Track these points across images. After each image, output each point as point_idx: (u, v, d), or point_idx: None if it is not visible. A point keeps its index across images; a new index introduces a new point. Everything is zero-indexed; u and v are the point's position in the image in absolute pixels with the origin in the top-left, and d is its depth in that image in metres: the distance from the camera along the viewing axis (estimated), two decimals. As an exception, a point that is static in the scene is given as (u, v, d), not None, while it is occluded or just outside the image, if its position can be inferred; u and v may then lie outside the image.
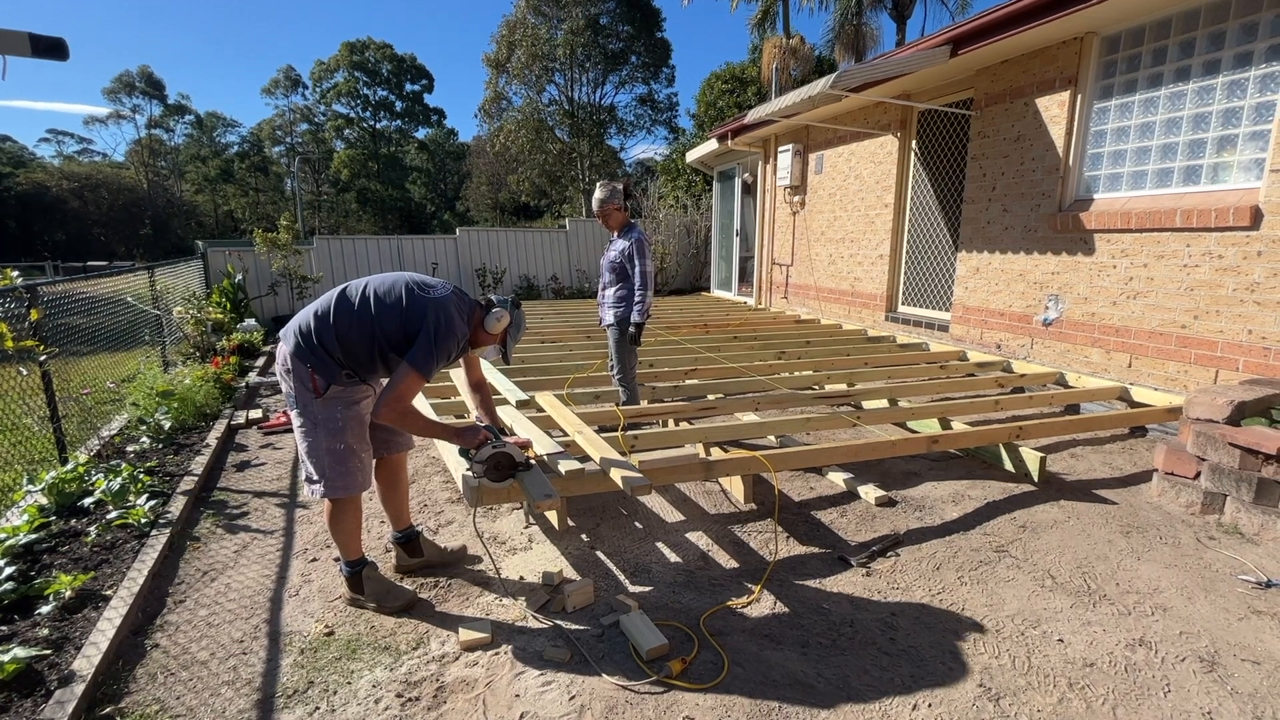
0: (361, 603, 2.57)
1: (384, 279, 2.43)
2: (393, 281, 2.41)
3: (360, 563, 2.57)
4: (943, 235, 6.79)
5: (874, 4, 21.42)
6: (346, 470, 2.40)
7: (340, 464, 2.38)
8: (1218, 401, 3.30)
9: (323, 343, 2.32)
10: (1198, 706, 1.98)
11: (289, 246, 10.21)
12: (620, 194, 4.20)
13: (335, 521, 2.48)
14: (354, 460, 2.42)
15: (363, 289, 2.39)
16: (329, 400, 2.35)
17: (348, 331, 2.33)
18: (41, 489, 3.40)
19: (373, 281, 2.43)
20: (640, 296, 4.20)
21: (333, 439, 2.37)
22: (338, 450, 2.38)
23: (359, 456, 2.44)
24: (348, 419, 2.39)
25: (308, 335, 2.33)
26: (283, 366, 2.39)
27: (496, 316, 2.46)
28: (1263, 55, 4.08)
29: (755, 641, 2.31)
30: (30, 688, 2.08)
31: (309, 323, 2.35)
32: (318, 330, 2.33)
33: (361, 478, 2.45)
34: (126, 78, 41.79)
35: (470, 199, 43.35)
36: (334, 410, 2.37)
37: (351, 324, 2.33)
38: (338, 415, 2.37)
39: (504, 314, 2.48)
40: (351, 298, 2.37)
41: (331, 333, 2.32)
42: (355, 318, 2.34)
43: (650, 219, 14.30)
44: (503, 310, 2.48)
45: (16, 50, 2.37)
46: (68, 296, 4.88)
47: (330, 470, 2.38)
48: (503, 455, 2.55)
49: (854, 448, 3.55)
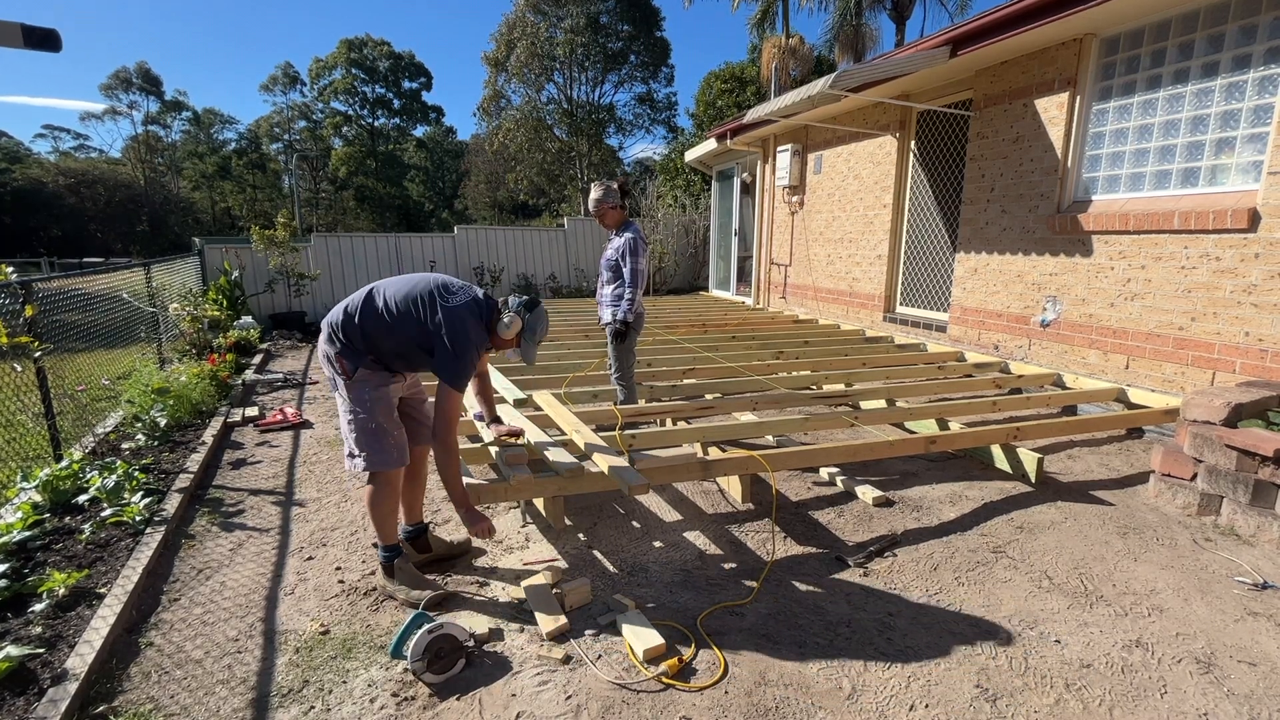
0: (391, 591, 2.60)
1: (410, 283, 2.55)
2: (418, 288, 2.52)
3: (395, 550, 2.64)
4: (941, 236, 6.79)
5: (873, 4, 21.43)
6: (381, 447, 2.50)
7: (375, 441, 2.50)
8: (1215, 403, 3.30)
9: (348, 335, 2.49)
10: (1194, 708, 1.98)
11: (286, 244, 10.17)
12: (616, 193, 4.16)
13: (374, 502, 2.56)
14: (387, 438, 2.52)
15: (388, 292, 2.52)
16: (357, 382, 2.48)
17: (373, 331, 2.47)
18: (36, 486, 3.38)
19: (399, 285, 2.55)
20: (629, 295, 4.14)
21: (365, 418, 2.49)
22: (370, 428, 2.49)
23: (391, 435, 2.53)
24: (375, 400, 2.49)
25: (337, 328, 2.50)
26: (321, 353, 2.58)
27: (506, 324, 2.56)
28: (1261, 58, 4.09)
29: (753, 641, 2.31)
30: (23, 686, 2.07)
31: (340, 318, 2.50)
32: (344, 325, 2.49)
33: (397, 454, 2.54)
34: (123, 74, 41.60)
35: (468, 197, 43.31)
36: (362, 392, 2.49)
37: (378, 325, 2.47)
38: (366, 396, 2.49)
39: (514, 319, 2.57)
40: (376, 300, 2.50)
41: (357, 330, 2.48)
42: (379, 320, 2.47)
43: (649, 218, 14.30)
44: (513, 316, 2.56)
45: (9, 41, 2.35)
46: (63, 292, 4.86)
47: (366, 446, 2.50)
48: (443, 640, 2.11)
49: (852, 448, 3.55)
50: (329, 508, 3.52)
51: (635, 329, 4.28)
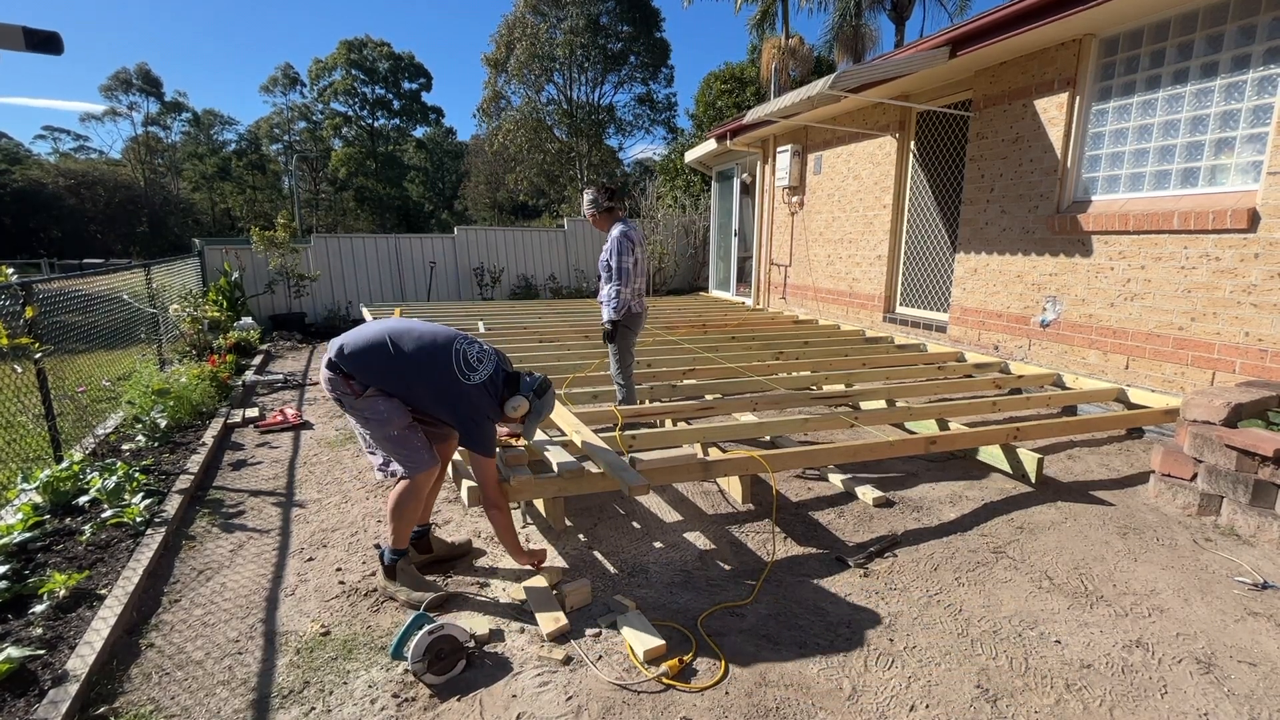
0: (392, 592, 2.60)
1: (429, 341, 2.52)
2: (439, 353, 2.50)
3: (403, 553, 2.66)
4: (941, 236, 6.79)
5: (873, 5, 21.43)
6: (410, 450, 2.55)
7: (403, 445, 2.54)
8: (1214, 403, 3.30)
9: (356, 370, 2.48)
10: (1194, 708, 1.98)
11: (286, 245, 10.17)
12: (600, 199, 4.18)
13: (401, 504, 2.57)
14: (414, 441, 2.56)
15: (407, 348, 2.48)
16: (369, 397, 2.50)
17: (382, 378, 2.49)
18: (36, 487, 3.38)
19: (418, 339, 2.51)
20: (614, 292, 4.14)
21: (384, 428, 2.51)
22: (393, 436, 2.53)
23: (414, 439, 2.57)
24: (390, 409, 2.51)
25: (346, 358, 2.48)
26: (325, 382, 2.54)
27: (514, 405, 2.61)
28: (1260, 58, 4.09)
29: (753, 642, 2.31)
30: (24, 687, 2.07)
31: (354, 349, 2.48)
32: (354, 363, 2.48)
33: (427, 455, 2.58)
34: (124, 75, 41.61)
35: (468, 198, 43.29)
36: (376, 404, 2.50)
37: (388, 373, 2.48)
38: (380, 407, 2.50)
39: (522, 403, 2.61)
40: (393, 350, 2.47)
41: (366, 372, 2.48)
42: (393, 371, 2.48)
43: (648, 219, 14.30)
44: (521, 400, 2.60)
45: (10, 44, 2.36)
46: (63, 294, 4.86)
47: (395, 454, 2.55)
48: (444, 641, 2.13)
49: (852, 448, 3.55)
50: (329, 509, 3.52)
51: (629, 326, 4.28)
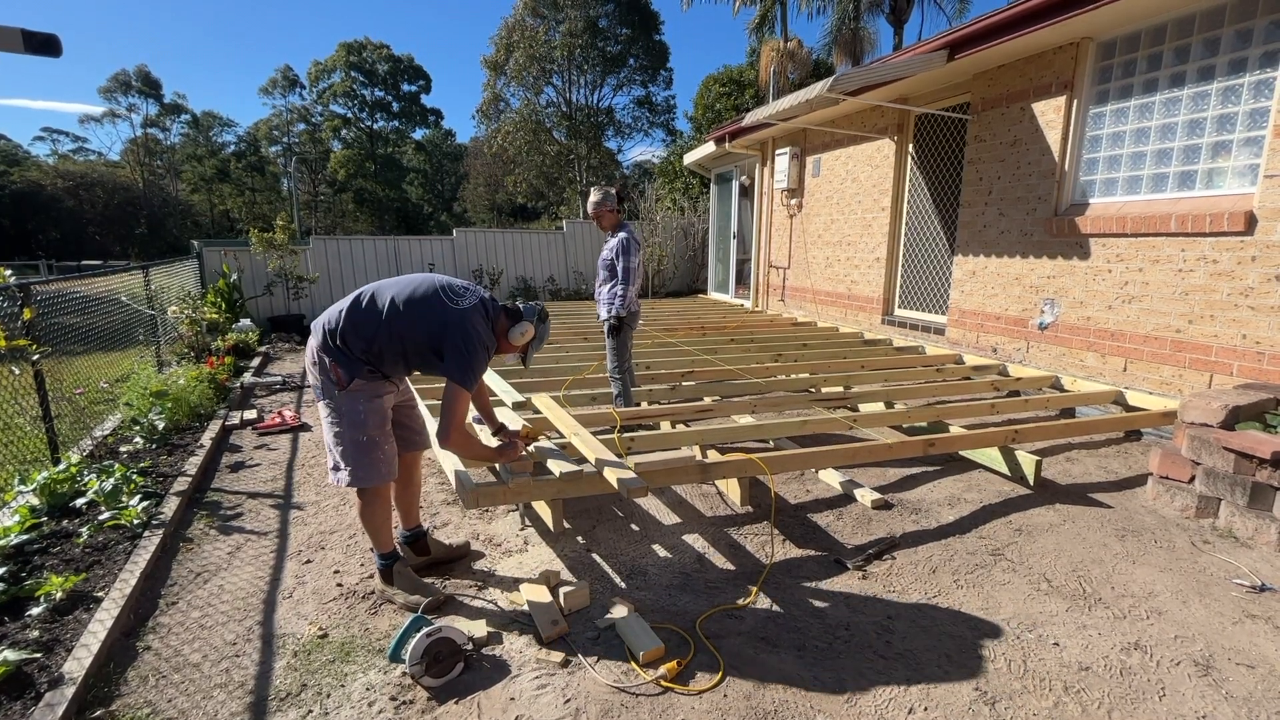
0: (390, 595, 2.58)
1: (413, 284, 2.45)
2: (423, 290, 2.44)
3: (392, 556, 2.61)
4: (939, 239, 6.80)
5: (871, 8, 21.48)
6: (370, 461, 2.44)
7: (364, 455, 2.43)
8: (1212, 406, 3.31)
9: (346, 341, 2.39)
10: (1193, 710, 1.98)
11: (285, 246, 10.17)
12: (613, 198, 4.40)
13: (364, 513, 2.54)
14: (377, 452, 2.45)
15: (391, 294, 2.42)
16: (352, 393, 2.41)
17: (373, 334, 2.38)
18: (33, 489, 3.38)
19: (401, 287, 2.45)
20: (621, 291, 4.35)
21: (355, 430, 2.42)
22: (360, 442, 2.42)
23: (382, 448, 2.47)
24: (369, 411, 2.43)
25: (333, 333, 2.40)
26: (310, 358, 2.47)
27: (521, 331, 2.52)
28: (1257, 61, 4.10)
29: (751, 644, 2.30)
30: (20, 690, 2.06)
31: (336, 320, 2.41)
32: (343, 330, 2.39)
33: (386, 469, 2.48)
34: (123, 76, 41.61)
35: (467, 200, 43.33)
36: (356, 403, 2.41)
37: (378, 328, 2.38)
38: (360, 408, 2.41)
39: (528, 328, 2.53)
40: (379, 302, 2.41)
41: (355, 333, 2.39)
42: (382, 323, 2.39)
43: (647, 221, 14.31)
44: (528, 325, 2.53)
45: (10, 46, 2.36)
46: (61, 295, 4.85)
47: (353, 461, 2.43)
48: (441, 643, 2.10)
49: (851, 450, 3.55)
50: (327, 511, 3.52)
51: (629, 324, 4.47)
